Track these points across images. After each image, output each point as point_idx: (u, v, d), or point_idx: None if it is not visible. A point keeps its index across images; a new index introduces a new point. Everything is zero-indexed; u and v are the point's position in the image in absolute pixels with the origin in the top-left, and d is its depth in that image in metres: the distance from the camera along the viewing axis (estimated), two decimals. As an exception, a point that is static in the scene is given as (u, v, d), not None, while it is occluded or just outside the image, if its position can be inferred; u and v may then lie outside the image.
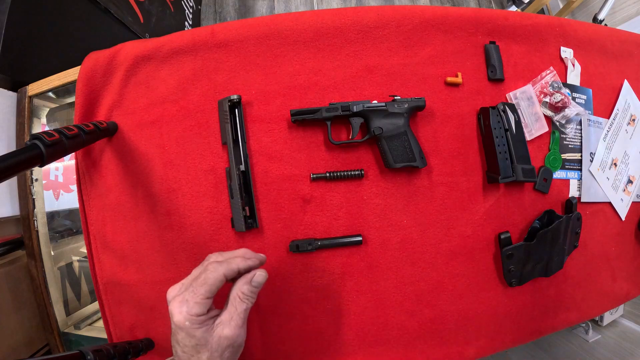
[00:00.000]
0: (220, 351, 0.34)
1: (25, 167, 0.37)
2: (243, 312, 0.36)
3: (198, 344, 0.33)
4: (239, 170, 0.50)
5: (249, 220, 0.51)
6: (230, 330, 0.34)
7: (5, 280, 0.64)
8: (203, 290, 0.34)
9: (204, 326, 0.34)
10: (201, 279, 0.34)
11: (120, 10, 1.04)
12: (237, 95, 0.50)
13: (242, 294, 0.36)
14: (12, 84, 0.67)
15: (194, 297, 0.34)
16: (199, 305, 0.34)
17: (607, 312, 0.92)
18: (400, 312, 0.54)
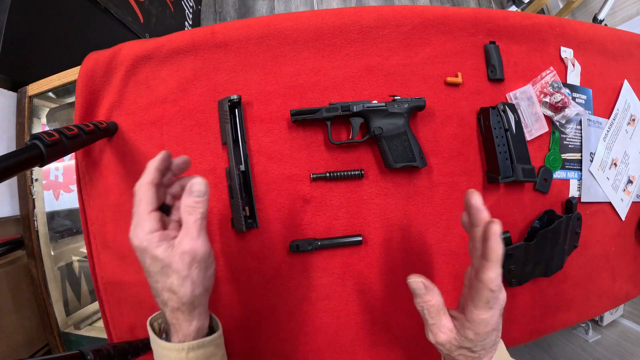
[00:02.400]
0: (187, 269, 0.33)
1: (25, 167, 0.37)
2: (193, 223, 0.34)
3: (163, 265, 0.33)
4: (238, 170, 0.50)
5: (249, 220, 0.51)
6: (187, 243, 0.33)
7: (5, 280, 0.64)
8: (142, 207, 0.34)
9: (163, 244, 0.33)
10: (135, 202, 0.34)
11: (120, 10, 1.04)
12: (237, 95, 0.50)
13: (187, 207, 0.34)
14: (12, 84, 0.67)
15: (138, 217, 0.34)
16: (145, 220, 0.33)
17: (607, 312, 0.92)
18: (401, 312, 0.54)
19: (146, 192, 0.34)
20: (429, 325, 0.36)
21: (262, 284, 0.53)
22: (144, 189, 0.34)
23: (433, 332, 0.36)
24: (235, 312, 0.53)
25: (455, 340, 0.35)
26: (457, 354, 0.36)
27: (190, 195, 0.35)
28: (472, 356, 0.36)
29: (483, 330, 0.34)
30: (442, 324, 0.36)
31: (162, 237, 0.33)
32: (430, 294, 0.36)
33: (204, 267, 0.34)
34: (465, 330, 0.35)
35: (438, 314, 0.36)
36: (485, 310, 0.34)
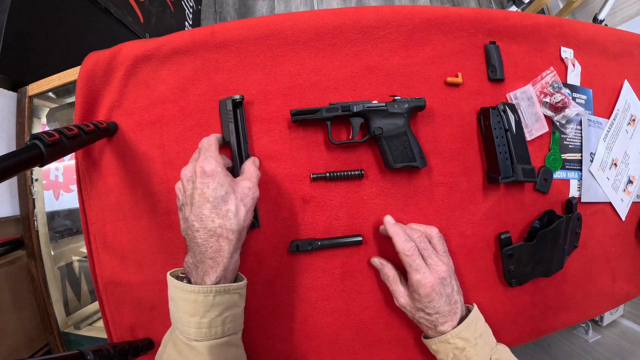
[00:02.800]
0: (244, 198, 0.39)
1: (25, 167, 0.37)
2: (255, 176, 0.43)
3: (227, 191, 0.38)
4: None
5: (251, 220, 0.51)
6: (249, 183, 0.41)
7: (5, 280, 0.64)
8: (213, 147, 0.42)
9: (227, 176, 0.39)
10: (203, 147, 0.42)
11: (120, 10, 1.04)
12: (239, 95, 0.50)
13: (251, 164, 0.45)
14: (12, 84, 0.67)
15: (210, 152, 0.40)
16: (217, 155, 0.41)
17: (607, 312, 0.92)
18: (401, 312, 0.54)
19: (214, 142, 0.43)
20: (392, 292, 0.48)
21: (262, 284, 0.53)
22: (211, 140, 0.43)
23: (395, 297, 0.48)
24: (235, 312, 0.53)
25: (410, 302, 0.46)
26: (418, 317, 0.46)
27: (253, 161, 0.46)
28: (430, 319, 0.44)
29: (423, 292, 0.43)
30: (400, 290, 0.47)
31: (227, 171, 0.40)
32: (386, 267, 0.49)
33: (252, 205, 0.40)
34: (412, 294, 0.45)
35: (395, 282, 0.48)
36: (414, 273, 0.43)
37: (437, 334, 0.44)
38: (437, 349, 0.45)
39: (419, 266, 0.43)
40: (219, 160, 0.40)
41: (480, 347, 0.43)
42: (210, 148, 0.41)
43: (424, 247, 0.46)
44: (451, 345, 0.43)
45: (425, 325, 0.45)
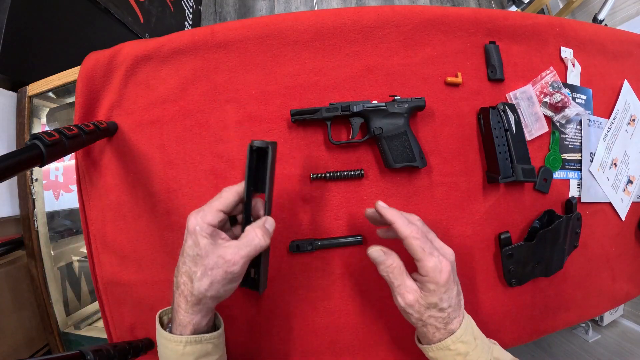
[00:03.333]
0: (214, 268, 0.34)
1: (25, 167, 0.37)
2: (252, 246, 0.36)
3: (199, 254, 0.35)
4: None
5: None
6: (230, 253, 0.35)
7: (5, 280, 0.64)
8: (217, 203, 0.37)
9: (211, 239, 0.35)
10: (217, 196, 0.39)
11: (120, 10, 1.04)
12: (267, 142, 0.39)
13: (253, 229, 0.37)
14: (12, 84, 0.67)
15: (209, 207, 0.37)
16: (211, 214, 0.36)
17: (607, 312, 0.92)
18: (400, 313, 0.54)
19: (229, 196, 0.38)
20: (396, 288, 0.39)
21: (262, 284, 0.53)
22: (229, 193, 0.39)
23: (400, 294, 0.39)
24: (234, 312, 0.53)
25: (421, 299, 0.38)
26: (427, 316, 0.38)
27: (261, 226, 0.38)
28: (442, 316, 0.38)
29: (440, 279, 0.37)
30: (407, 284, 0.39)
31: (213, 233, 0.36)
32: (391, 258, 0.39)
33: (228, 280, 0.35)
34: (426, 285, 0.37)
35: (401, 275, 0.39)
36: (428, 257, 0.37)
37: (446, 335, 0.38)
38: (436, 357, 0.40)
39: (432, 249, 0.38)
40: (208, 219, 0.36)
41: (480, 349, 0.39)
42: (212, 203, 0.38)
43: (427, 229, 0.41)
44: (452, 351, 0.38)
45: (434, 327, 0.39)
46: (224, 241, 0.37)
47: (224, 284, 0.35)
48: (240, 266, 0.35)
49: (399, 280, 0.39)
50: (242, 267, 0.36)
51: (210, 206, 0.37)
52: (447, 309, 0.38)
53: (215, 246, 0.35)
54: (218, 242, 0.36)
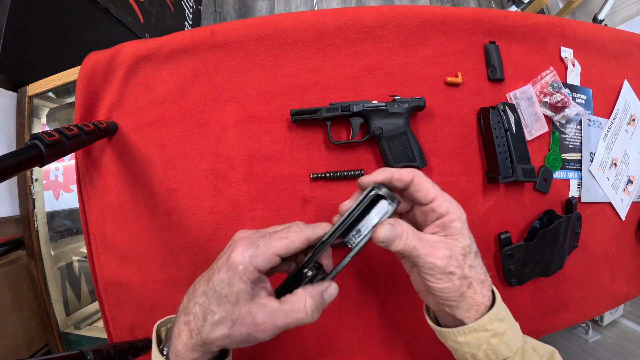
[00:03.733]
0: (236, 324, 0.28)
1: (25, 167, 0.37)
2: (294, 319, 0.29)
3: (227, 297, 0.27)
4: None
5: None
6: (264, 318, 0.28)
7: (5, 280, 0.64)
8: (279, 244, 0.29)
9: (250, 287, 0.28)
10: (281, 233, 0.30)
11: (120, 10, 1.04)
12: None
13: (310, 300, 0.29)
14: (12, 84, 0.67)
15: (265, 247, 0.29)
16: (265, 256, 0.28)
17: (607, 312, 0.92)
18: (400, 312, 0.54)
19: (296, 240, 0.30)
20: (423, 254, 0.31)
21: (262, 284, 0.53)
22: (297, 235, 0.30)
23: (432, 254, 0.30)
24: (235, 312, 0.53)
25: (454, 247, 0.31)
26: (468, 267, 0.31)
27: (319, 296, 0.30)
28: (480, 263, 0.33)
29: (462, 213, 0.34)
30: (430, 240, 0.31)
31: (257, 280, 0.29)
32: (400, 224, 0.31)
33: (245, 339, 0.29)
34: (450, 227, 0.32)
35: (419, 236, 0.31)
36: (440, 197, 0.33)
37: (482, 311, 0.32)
38: (466, 341, 0.33)
39: (438, 188, 0.33)
40: (259, 262, 0.28)
41: (515, 329, 0.34)
42: (272, 241, 0.29)
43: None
44: (488, 332, 0.32)
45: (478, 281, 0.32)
46: (264, 294, 0.29)
47: (240, 342, 0.29)
48: (269, 335, 0.29)
49: (422, 242, 0.31)
50: (271, 336, 0.29)
51: (268, 246, 0.29)
52: (479, 254, 0.33)
53: (252, 298, 0.28)
54: (257, 292, 0.29)
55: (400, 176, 0.33)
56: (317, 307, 0.30)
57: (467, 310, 0.32)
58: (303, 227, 0.31)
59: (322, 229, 0.32)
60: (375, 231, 0.32)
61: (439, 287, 0.31)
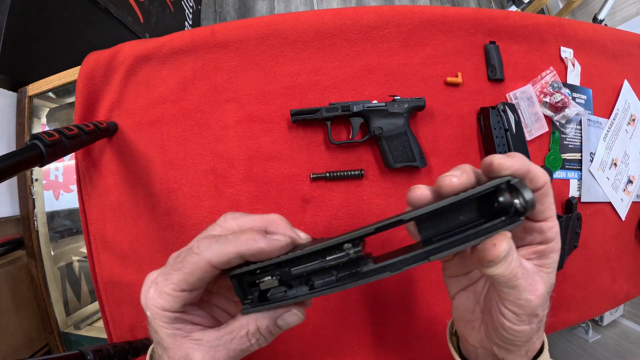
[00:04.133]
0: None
1: (25, 167, 0.37)
2: (239, 351, 0.24)
3: (160, 343, 0.24)
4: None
5: None
6: (202, 356, 0.23)
7: (5, 280, 0.64)
8: (175, 279, 0.23)
9: (173, 329, 0.23)
10: (179, 260, 0.24)
11: (120, 10, 1.04)
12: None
13: (255, 328, 0.24)
14: (12, 84, 0.67)
15: (164, 283, 0.23)
16: (166, 296, 0.23)
17: (607, 312, 0.92)
18: (400, 312, 0.54)
19: (195, 268, 0.22)
20: (520, 289, 0.23)
21: (262, 284, 0.53)
22: (196, 262, 0.22)
23: (531, 290, 0.23)
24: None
25: (547, 282, 0.24)
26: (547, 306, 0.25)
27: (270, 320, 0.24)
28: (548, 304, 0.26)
29: (559, 243, 0.25)
30: (528, 267, 0.24)
31: (175, 321, 0.23)
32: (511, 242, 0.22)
33: None
34: (547, 258, 0.25)
35: (521, 262, 0.23)
36: (555, 220, 0.24)
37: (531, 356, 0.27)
38: None
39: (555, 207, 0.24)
40: (162, 303, 0.23)
41: None
42: (173, 275, 0.23)
43: None
44: None
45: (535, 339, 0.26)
46: (197, 328, 0.24)
47: None
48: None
49: (523, 270, 0.23)
50: None
51: (166, 280, 0.23)
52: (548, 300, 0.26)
53: (183, 337, 0.23)
54: (188, 329, 0.24)
55: (535, 176, 0.23)
56: (266, 334, 0.24)
57: (521, 357, 0.27)
58: (207, 245, 0.22)
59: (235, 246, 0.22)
60: (497, 241, 0.21)
61: (517, 329, 0.24)
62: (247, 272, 0.23)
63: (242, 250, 0.22)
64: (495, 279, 0.23)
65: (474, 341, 0.29)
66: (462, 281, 0.29)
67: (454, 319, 0.31)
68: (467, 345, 0.30)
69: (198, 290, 0.24)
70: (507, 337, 0.25)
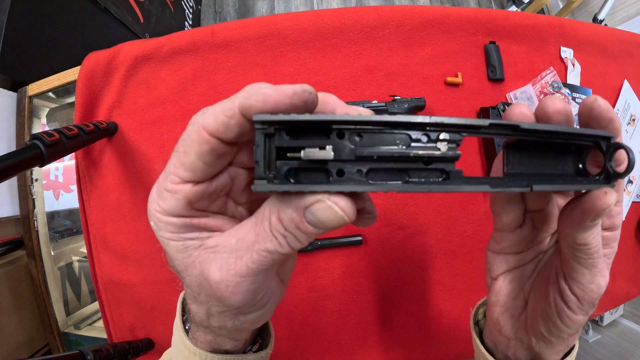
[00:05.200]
0: (200, 296, 0.18)
1: (25, 167, 0.37)
2: (265, 255, 0.16)
3: (174, 266, 0.18)
4: None
5: None
6: (220, 271, 0.16)
7: (5, 280, 0.64)
8: (171, 167, 0.16)
9: (183, 239, 0.17)
10: (182, 138, 0.16)
11: (120, 10, 1.04)
12: None
13: (276, 219, 0.16)
14: (12, 84, 0.67)
15: (162, 177, 0.17)
16: (167, 195, 0.17)
17: (607, 312, 0.92)
18: (400, 312, 0.54)
19: (191, 142, 0.16)
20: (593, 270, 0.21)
21: (262, 284, 0.53)
22: (191, 135, 0.16)
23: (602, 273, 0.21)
24: (235, 312, 0.53)
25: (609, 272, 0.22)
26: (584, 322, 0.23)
27: (298, 211, 0.16)
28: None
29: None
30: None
31: (184, 229, 0.17)
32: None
33: (233, 313, 0.19)
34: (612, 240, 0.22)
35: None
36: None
37: (561, 355, 0.26)
38: None
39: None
40: (162, 205, 0.17)
41: None
42: (175, 158, 0.16)
43: None
44: None
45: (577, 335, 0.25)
46: (213, 236, 0.18)
47: (230, 316, 0.19)
48: (243, 295, 0.17)
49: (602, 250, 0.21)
50: (248, 295, 0.17)
51: (167, 171, 0.17)
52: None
53: (196, 251, 0.18)
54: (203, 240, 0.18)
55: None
56: (293, 230, 0.16)
57: (558, 352, 0.25)
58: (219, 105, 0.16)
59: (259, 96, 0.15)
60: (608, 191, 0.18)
61: (574, 318, 0.22)
62: (286, 124, 0.15)
63: (241, 102, 0.15)
64: (579, 250, 0.20)
65: (508, 331, 0.27)
66: (511, 261, 0.26)
67: (490, 304, 0.27)
68: (498, 335, 0.28)
69: (206, 182, 0.17)
70: (560, 326, 0.23)
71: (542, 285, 0.24)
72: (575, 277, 0.21)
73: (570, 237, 0.20)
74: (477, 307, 0.32)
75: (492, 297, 0.27)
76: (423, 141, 0.16)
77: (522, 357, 0.27)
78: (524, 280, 0.26)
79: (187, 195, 0.17)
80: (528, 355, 0.26)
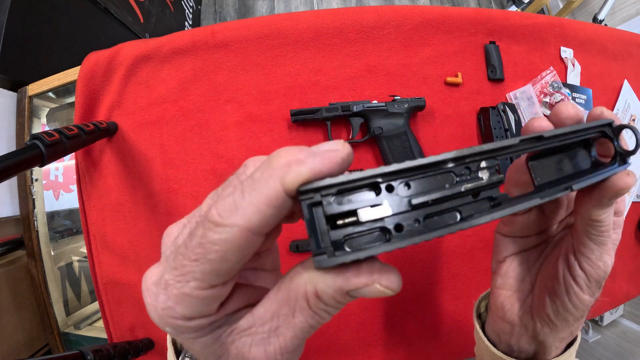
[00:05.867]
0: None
1: (25, 167, 0.37)
2: (307, 329, 0.15)
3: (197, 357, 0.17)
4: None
5: None
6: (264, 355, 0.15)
7: (5, 280, 0.64)
8: (197, 269, 0.13)
9: (212, 335, 0.15)
10: (197, 237, 0.13)
11: (120, 10, 1.04)
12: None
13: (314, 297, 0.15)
14: (12, 84, 0.67)
15: (179, 280, 0.14)
16: (189, 300, 0.14)
17: (607, 312, 0.92)
18: (400, 313, 0.54)
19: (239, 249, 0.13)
20: (602, 248, 0.22)
21: (262, 284, 0.53)
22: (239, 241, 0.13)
23: (610, 253, 0.23)
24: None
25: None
26: (591, 305, 0.24)
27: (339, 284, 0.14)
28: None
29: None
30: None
31: (207, 324, 0.15)
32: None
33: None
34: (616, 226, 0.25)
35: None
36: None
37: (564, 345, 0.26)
38: None
39: None
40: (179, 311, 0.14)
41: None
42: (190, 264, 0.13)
43: None
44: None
45: (583, 320, 0.25)
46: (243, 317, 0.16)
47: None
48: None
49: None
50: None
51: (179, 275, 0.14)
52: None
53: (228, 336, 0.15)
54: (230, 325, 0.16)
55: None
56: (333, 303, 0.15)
57: (561, 340, 0.25)
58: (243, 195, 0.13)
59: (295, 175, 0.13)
60: (629, 172, 0.21)
61: (582, 297, 0.22)
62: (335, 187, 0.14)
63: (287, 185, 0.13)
64: (592, 226, 0.21)
65: (513, 316, 0.27)
66: (519, 243, 0.27)
67: (496, 288, 0.27)
68: (502, 322, 0.27)
69: (235, 278, 0.15)
70: (567, 305, 0.23)
71: (550, 266, 0.25)
72: (585, 252, 0.22)
73: (586, 213, 0.21)
74: (480, 300, 0.32)
75: (498, 280, 0.27)
76: (466, 174, 0.16)
77: (525, 346, 0.27)
78: (531, 264, 0.26)
79: (218, 297, 0.14)
80: (531, 343, 0.26)
